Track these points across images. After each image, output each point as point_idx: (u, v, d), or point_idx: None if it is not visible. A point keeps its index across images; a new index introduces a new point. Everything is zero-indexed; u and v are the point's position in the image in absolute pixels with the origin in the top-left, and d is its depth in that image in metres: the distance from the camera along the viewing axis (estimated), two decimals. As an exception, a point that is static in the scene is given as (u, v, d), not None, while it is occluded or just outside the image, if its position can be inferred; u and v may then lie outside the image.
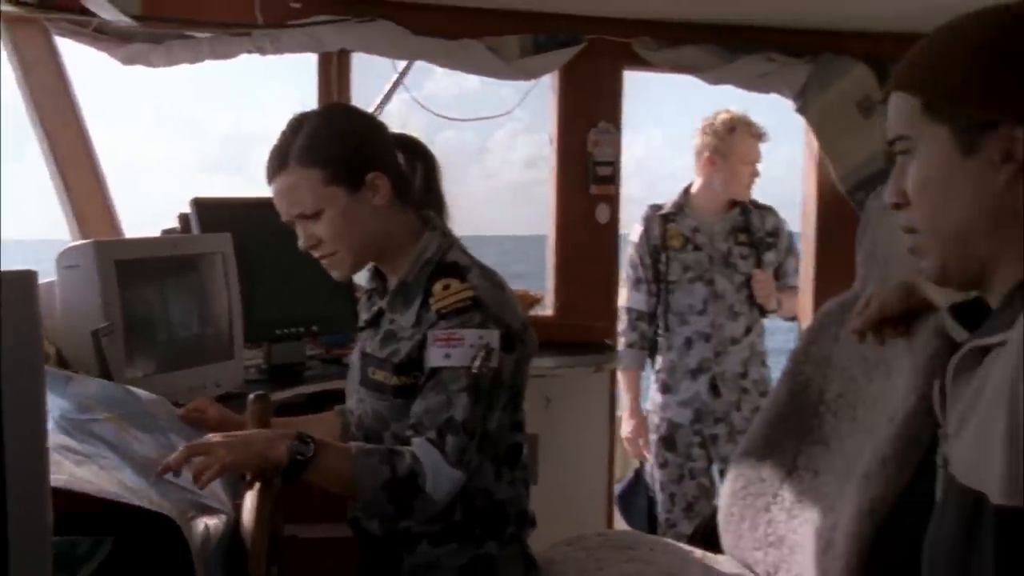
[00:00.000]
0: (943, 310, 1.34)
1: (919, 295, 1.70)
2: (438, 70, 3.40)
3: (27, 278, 0.89)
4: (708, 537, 2.23)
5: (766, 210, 3.59)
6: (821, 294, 3.31)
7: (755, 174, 3.50)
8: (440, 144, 1.97)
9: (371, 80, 3.49)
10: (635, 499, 3.63)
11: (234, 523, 1.54)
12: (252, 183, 2.37)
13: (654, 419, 3.60)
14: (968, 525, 1.02)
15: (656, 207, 3.60)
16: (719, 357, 3.47)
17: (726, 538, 2.08)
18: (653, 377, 3.63)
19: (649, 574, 1.97)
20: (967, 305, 1.24)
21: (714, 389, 3.48)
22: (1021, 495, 0.95)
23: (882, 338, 1.78)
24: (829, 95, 3.40)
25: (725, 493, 2.10)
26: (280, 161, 1.80)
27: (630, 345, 3.58)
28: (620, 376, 3.58)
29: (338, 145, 1.79)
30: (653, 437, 3.60)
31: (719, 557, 2.09)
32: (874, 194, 2.03)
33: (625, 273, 3.62)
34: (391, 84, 3.40)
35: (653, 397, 3.62)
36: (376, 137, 1.87)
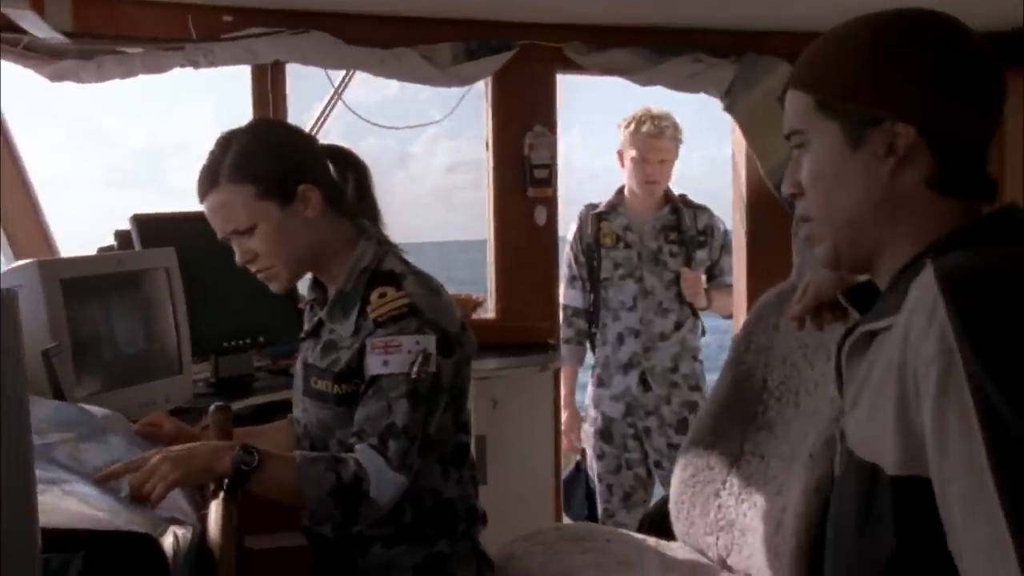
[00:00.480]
0: (838, 295, 1.42)
1: (852, 279, 1.78)
2: (357, 77, 3.41)
3: (8, 297, 0.89)
4: (657, 526, 2.29)
5: (699, 209, 3.67)
6: (754, 288, 3.39)
7: (652, 171, 3.55)
8: (362, 151, 1.98)
9: (303, 90, 3.49)
10: (575, 489, 3.71)
11: (200, 534, 1.55)
12: (166, 196, 2.36)
13: (591, 412, 3.70)
14: (866, 497, 1.11)
15: (591, 206, 3.69)
16: (648, 352, 3.56)
17: (678, 525, 2.14)
18: (591, 372, 3.71)
19: (607, 563, 2.01)
20: (859, 288, 1.32)
21: (644, 383, 3.57)
22: (911, 466, 1.03)
23: (820, 323, 1.85)
24: (754, 94, 3.48)
25: (675, 482, 2.15)
26: (211, 179, 1.81)
27: (567, 341, 3.66)
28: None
29: (268, 160, 1.81)
30: (591, 429, 3.69)
31: (672, 544, 2.15)
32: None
33: (562, 271, 3.70)
34: (330, 97, 3.41)
35: (590, 391, 3.72)
36: (305, 150, 1.90)
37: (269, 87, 3.28)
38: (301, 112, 3.39)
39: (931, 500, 1.01)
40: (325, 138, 2.01)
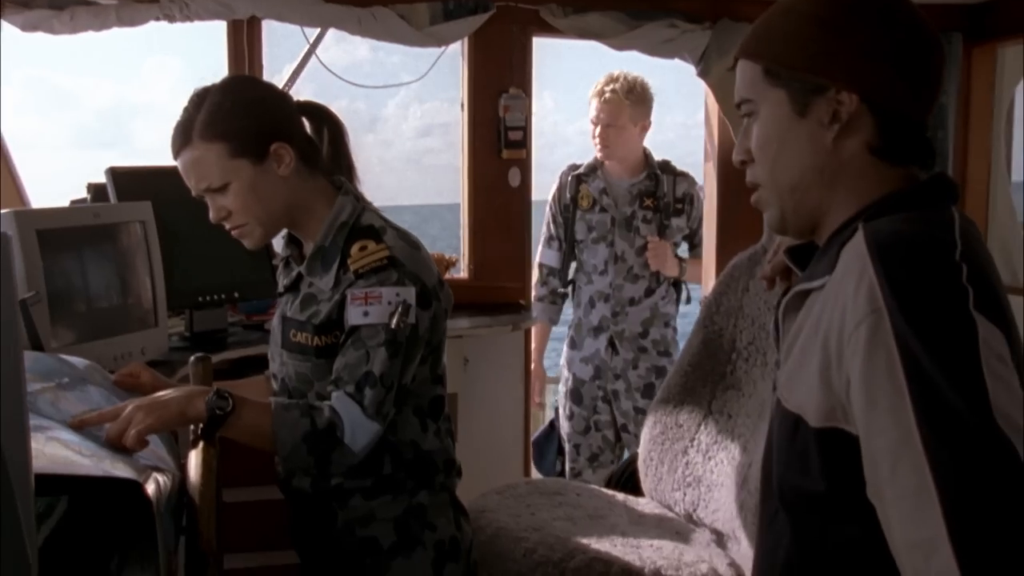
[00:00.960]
0: (782, 253, 1.46)
1: (821, 240, 1.83)
2: (327, 39, 3.39)
3: (3, 240, 0.89)
4: (624, 483, 2.35)
5: (680, 176, 3.67)
6: (725, 252, 3.44)
7: (601, 134, 3.57)
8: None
9: (275, 49, 3.47)
10: (548, 448, 3.78)
11: (180, 481, 1.57)
12: (135, 156, 2.36)
13: (564, 373, 3.76)
14: (791, 439, 1.19)
15: (573, 167, 3.71)
16: (617, 317, 3.61)
17: (646, 482, 2.20)
18: (570, 331, 3.76)
19: (577, 516, 2.07)
20: (801, 247, 1.37)
21: (612, 347, 3.62)
22: (832, 418, 1.11)
23: (789, 283, 1.90)
24: (728, 60, 3.49)
25: (644, 439, 2.21)
26: (184, 137, 1.81)
27: (540, 299, 3.71)
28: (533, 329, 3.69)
29: (240, 118, 1.80)
30: (563, 389, 3.75)
31: (640, 499, 2.21)
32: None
33: (542, 231, 3.73)
34: (303, 55, 3.39)
35: (564, 352, 3.77)
36: (279, 107, 1.89)
37: (245, 43, 3.26)
38: (273, 73, 3.36)
39: (851, 450, 1.08)
40: (298, 97, 2.00)
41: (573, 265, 3.73)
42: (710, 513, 1.98)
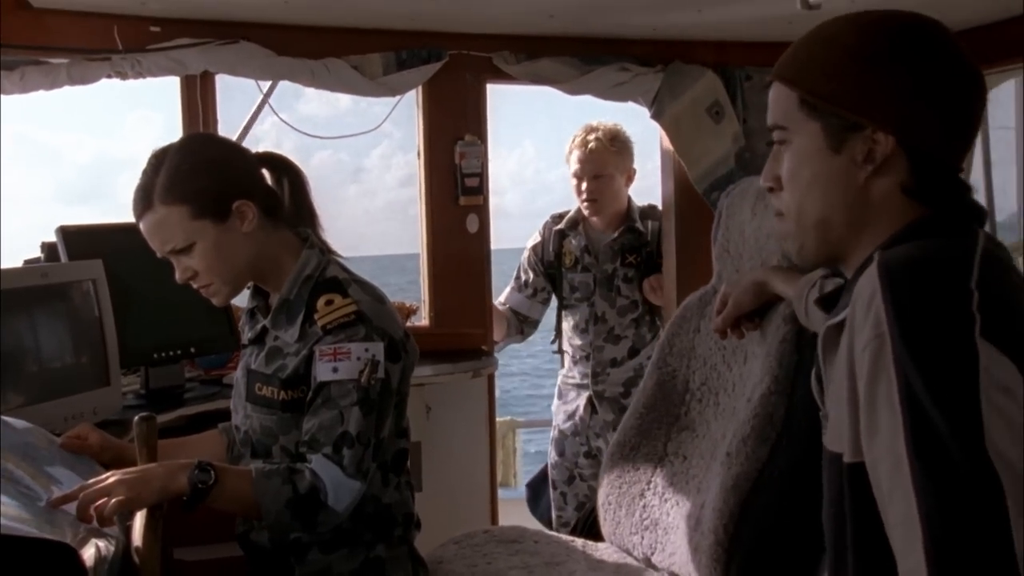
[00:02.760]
0: (806, 300, 1.45)
1: (769, 291, 1.85)
2: (309, 91, 3.41)
3: None
4: (589, 529, 2.33)
5: (650, 214, 3.58)
6: (683, 289, 3.45)
7: (588, 187, 3.42)
8: (315, 165, 2.00)
9: (239, 101, 3.48)
10: (543, 489, 3.66)
11: (124, 546, 1.55)
12: (119, 212, 2.34)
13: (553, 420, 3.66)
14: (836, 481, 1.16)
15: (556, 218, 3.61)
16: (597, 377, 3.49)
17: (605, 526, 2.18)
18: (559, 379, 3.69)
19: (534, 564, 2.05)
20: (830, 296, 1.35)
21: (592, 406, 3.51)
22: (860, 451, 1.08)
23: (740, 333, 1.92)
24: (681, 102, 3.55)
25: (602, 483, 2.20)
26: (145, 201, 1.81)
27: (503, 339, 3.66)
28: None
29: (200, 178, 1.81)
30: (550, 436, 3.65)
31: (599, 544, 2.19)
32: (724, 193, 2.16)
33: (515, 276, 3.67)
34: (256, 106, 3.40)
35: (554, 400, 3.69)
36: (238, 163, 1.89)
37: (199, 98, 3.27)
38: (229, 127, 3.36)
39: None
40: (278, 150, 2.00)
41: (565, 321, 3.63)
42: (667, 556, 1.97)
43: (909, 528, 0.98)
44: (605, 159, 3.42)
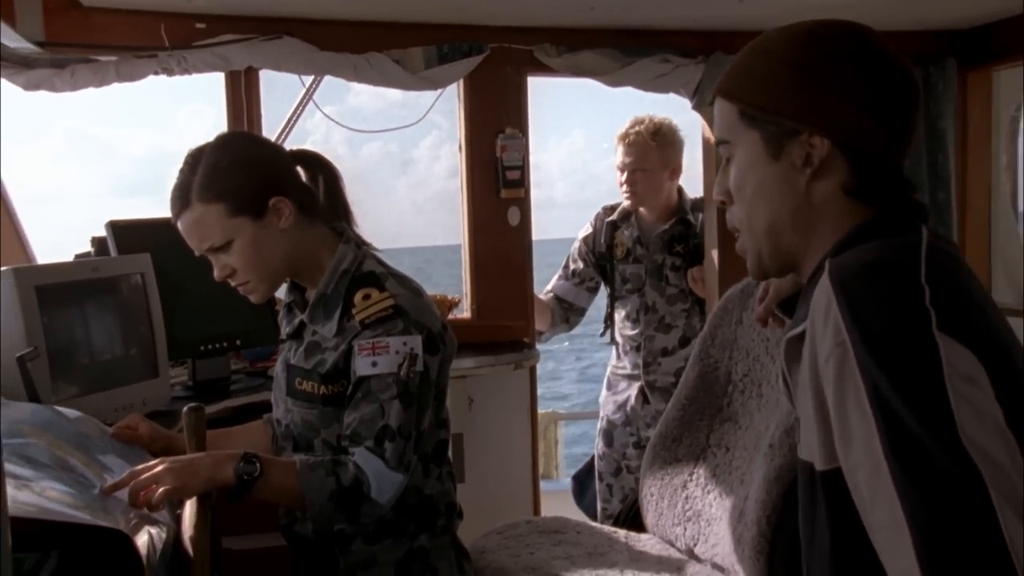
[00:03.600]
0: (774, 307, 1.47)
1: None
2: (358, 84, 3.43)
3: None
4: (632, 519, 2.34)
5: (700, 206, 3.58)
6: (725, 280, 3.43)
7: (629, 179, 3.44)
8: (365, 156, 2.03)
9: (283, 96, 3.51)
10: (589, 482, 3.66)
11: (175, 533, 1.58)
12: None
13: (601, 411, 3.66)
14: (809, 489, 1.18)
15: (608, 210, 3.62)
16: (649, 368, 3.49)
17: (648, 517, 2.19)
18: (608, 370, 3.68)
19: (577, 554, 2.06)
20: (791, 299, 1.38)
21: (644, 396, 3.50)
22: (833, 458, 1.09)
23: (781, 322, 1.91)
24: (723, 93, 3.52)
25: (644, 474, 2.20)
26: (183, 199, 1.84)
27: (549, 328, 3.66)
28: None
29: (237, 176, 1.82)
30: (598, 427, 3.65)
31: (642, 536, 2.19)
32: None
33: (564, 264, 3.67)
34: (298, 101, 3.44)
35: (602, 390, 3.69)
36: (273, 160, 1.91)
37: (243, 94, 3.31)
38: (274, 123, 3.39)
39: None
40: (327, 144, 2.02)
41: (616, 312, 3.61)
42: (710, 548, 1.97)
43: (896, 531, 0.98)
44: (645, 153, 3.42)
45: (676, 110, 3.60)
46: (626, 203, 3.52)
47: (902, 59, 1.23)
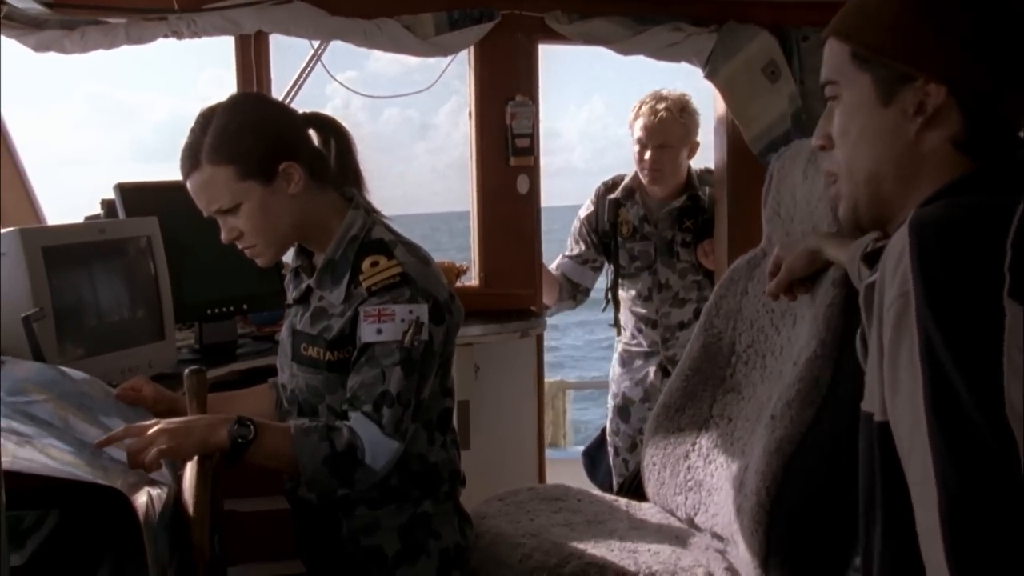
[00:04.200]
0: (858, 260, 1.42)
1: (822, 258, 1.83)
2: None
3: None
4: (636, 490, 2.35)
5: (707, 179, 3.55)
6: (735, 252, 3.41)
7: (652, 156, 3.37)
8: (384, 122, 2.01)
9: (295, 62, 3.50)
10: (600, 457, 3.65)
11: (176, 494, 1.59)
12: None
13: (612, 388, 3.63)
14: (868, 442, 1.14)
15: (610, 185, 3.56)
16: (667, 343, 3.47)
17: (649, 486, 2.19)
18: (618, 347, 3.66)
19: (577, 521, 2.07)
20: (875, 253, 1.34)
21: (664, 371, 3.47)
22: (886, 412, 1.07)
23: (793, 295, 1.91)
24: (735, 62, 3.49)
25: (646, 444, 2.21)
26: (192, 160, 1.83)
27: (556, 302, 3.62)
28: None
29: (247, 139, 1.81)
30: (611, 403, 3.62)
31: (643, 504, 2.20)
32: (775, 155, 2.14)
33: (569, 243, 3.64)
34: (305, 64, 3.42)
35: (614, 367, 3.66)
36: (285, 124, 1.90)
37: (253, 58, 3.29)
38: (282, 87, 3.38)
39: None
40: (347, 110, 2.00)
41: (623, 291, 3.59)
42: (710, 517, 1.98)
43: (926, 487, 0.97)
44: (672, 129, 3.36)
45: (689, 79, 3.57)
46: (645, 179, 3.45)
47: None
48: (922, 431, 0.98)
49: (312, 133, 1.96)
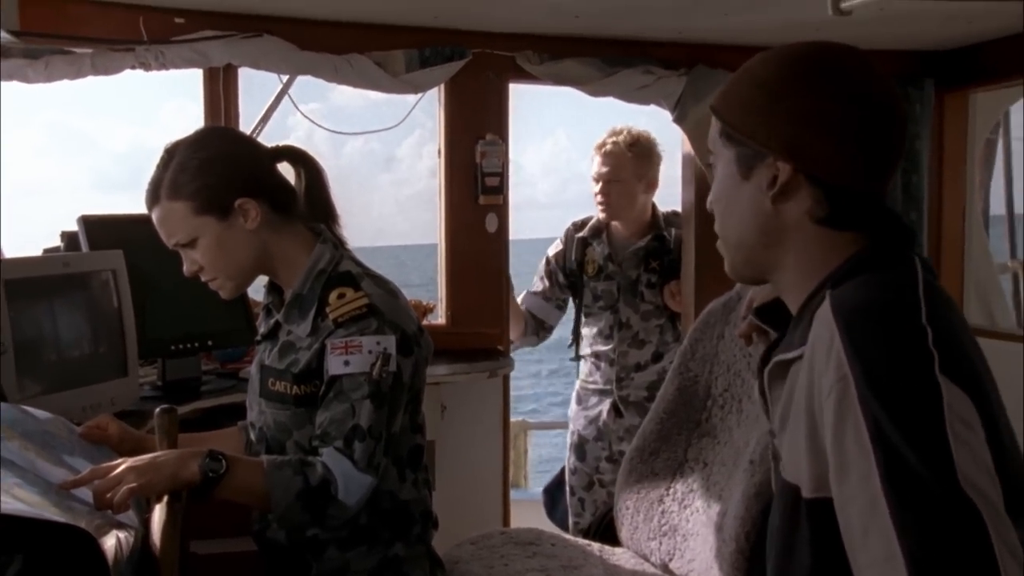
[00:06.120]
0: (751, 315, 1.47)
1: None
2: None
3: None
4: (604, 532, 2.32)
5: (673, 221, 3.56)
6: (702, 295, 3.42)
7: (603, 189, 3.39)
8: (348, 154, 1.98)
9: (263, 96, 3.47)
10: (560, 495, 3.62)
11: (143, 537, 1.55)
12: None
13: (570, 425, 3.61)
14: (791, 512, 1.19)
15: (577, 226, 3.56)
16: (621, 382, 3.45)
17: (622, 531, 2.17)
18: (577, 385, 3.64)
19: (552, 567, 2.04)
20: (768, 307, 1.39)
21: (616, 410, 3.46)
22: (822, 488, 1.11)
23: (767, 338, 1.90)
24: (704, 106, 3.52)
25: (619, 487, 2.19)
26: (154, 195, 1.84)
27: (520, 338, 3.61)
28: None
29: (205, 175, 1.82)
30: (568, 441, 3.60)
31: (616, 549, 2.18)
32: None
33: (535, 279, 3.63)
34: (274, 98, 3.39)
35: (572, 405, 3.64)
36: (248, 159, 1.89)
37: (221, 91, 3.27)
38: (250, 120, 3.35)
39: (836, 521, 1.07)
40: (309, 142, 1.99)
41: (586, 328, 3.57)
42: (686, 563, 1.96)
43: (889, 566, 0.98)
44: (622, 163, 3.38)
45: (660, 122, 3.60)
46: (600, 215, 3.47)
47: (888, 85, 1.23)
48: (880, 511, 1.00)
49: (283, 166, 1.94)
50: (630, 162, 3.39)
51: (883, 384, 1.03)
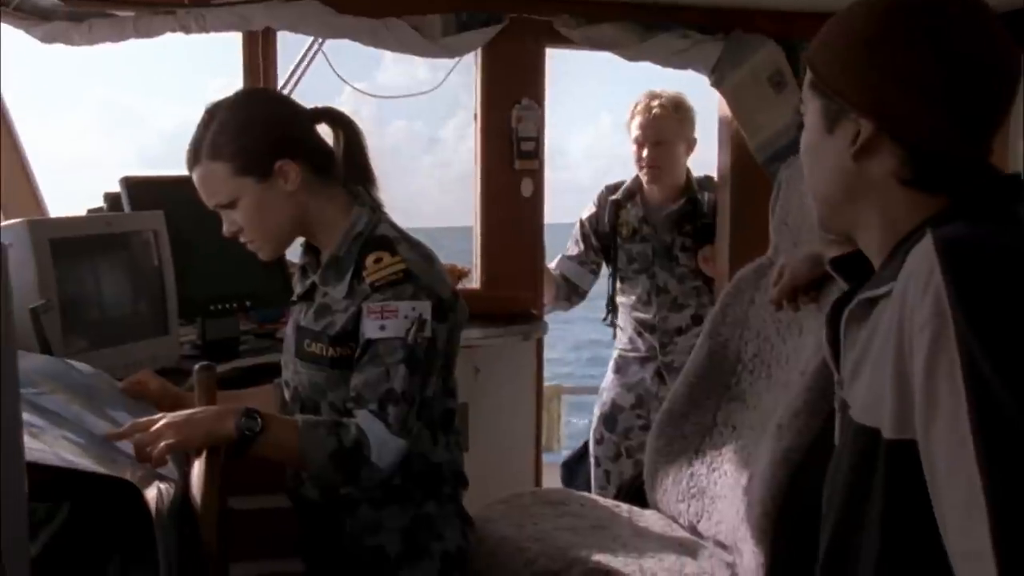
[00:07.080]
0: (826, 263, 1.44)
1: (823, 263, 1.84)
2: (387, 60, 3.41)
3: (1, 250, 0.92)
4: (634, 495, 2.35)
5: (707, 185, 3.56)
6: (736, 260, 3.41)
7: (649, 153, 3.40)
8: (391, 134, 1.99)
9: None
10: (579, 469, 3.65)
11: (183, 490, 1.59)
12: None
13: (602, 396, 3.62)
14: (865, 457, 1.15)
15: (611, 188, 3.58)
16: (664, 348, 3.46)
17: (651, 493, 2.20)
18: (614, 354, 3.65)
19: (580, 526, 2.07)
20: (846, 259, 1.35)
21: (660, 377, 3.47)
22: (906, 429, 1.07)
23: (796, 305, 1.91)
24: (742, 71, 3.50)
25: (649, 450, 2.21)
26: (195, 155, 1.86)
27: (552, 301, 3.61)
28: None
29: (245, 136, 1.83)
30: (597, 412, 3.61)
31: (645, 511, 2.20)
32: (784, 165, 2.14)
33: (568, 245, 3.64)
34: (299, 59, 3.38)
35: (608, 374, 3.65)
36: (288, 121, 1.90)
37: (260, 55, 3.29)
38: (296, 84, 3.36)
39: (920, 464, 1.05)
40: (356, 119, 1.99)
41: (622, 295, 3.59)
42: (713, 525, 1.98)
43: (970, 511, 0.97)
44: (668, 126, 3.40)
45: (694, 86, 3.56)
46: (644, 178, 3.47)
47: (998, 41, 1.16)
48: (967, 453, 0.98)
49: (323, 128, 1.96)
50: (675, 124, 3.41)
51: (986, 325, 0.99)
